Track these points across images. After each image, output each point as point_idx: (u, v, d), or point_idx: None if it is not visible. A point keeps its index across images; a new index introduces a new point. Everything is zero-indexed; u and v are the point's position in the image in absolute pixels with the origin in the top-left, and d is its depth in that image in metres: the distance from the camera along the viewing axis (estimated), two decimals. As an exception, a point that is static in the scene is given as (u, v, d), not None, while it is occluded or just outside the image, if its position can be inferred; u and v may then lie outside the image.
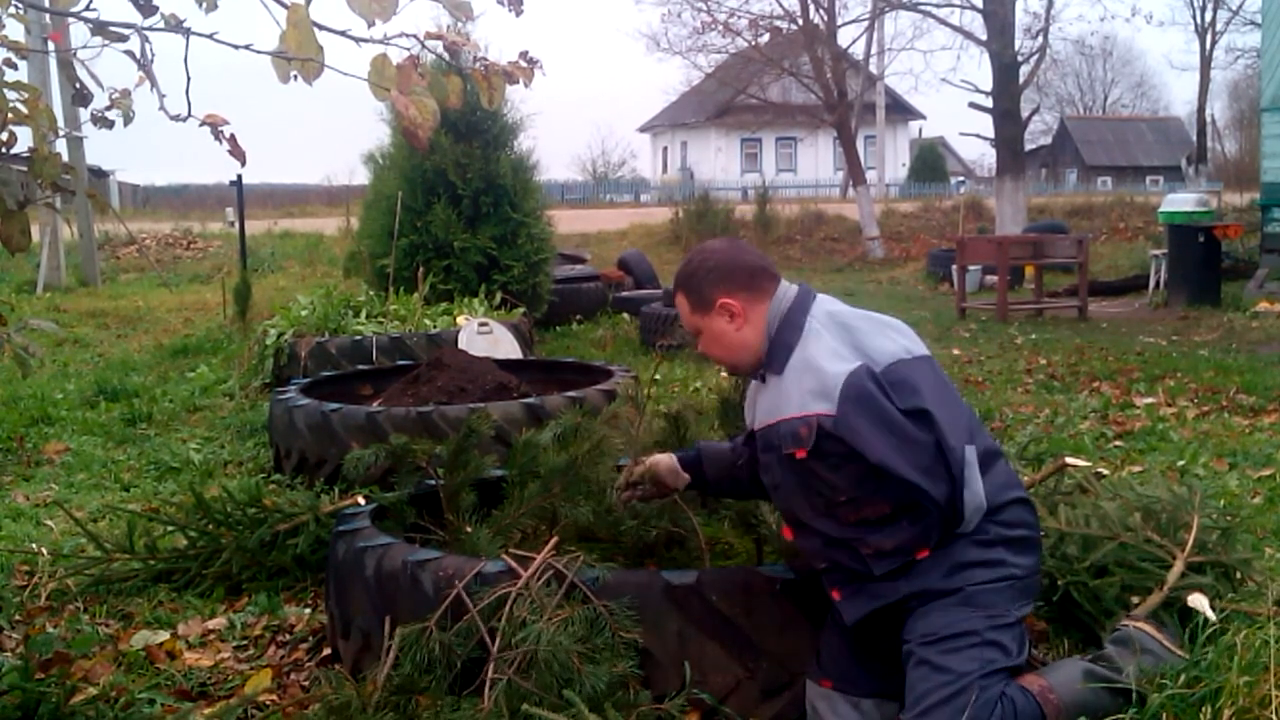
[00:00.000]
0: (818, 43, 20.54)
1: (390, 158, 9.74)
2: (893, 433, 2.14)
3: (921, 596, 2.21)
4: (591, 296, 11.15)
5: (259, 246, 17.55)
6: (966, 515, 2.18)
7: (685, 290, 2.41)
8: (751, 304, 2.35)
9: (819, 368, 2.20)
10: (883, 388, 2.16)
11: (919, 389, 2.19)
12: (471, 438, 3.28)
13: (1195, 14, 37.39)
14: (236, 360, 7.86)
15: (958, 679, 2.11)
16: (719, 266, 2.37)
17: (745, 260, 2.39)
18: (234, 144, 2.16)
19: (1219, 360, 7.68)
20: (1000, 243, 11.51)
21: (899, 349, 2.26)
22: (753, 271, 2.37)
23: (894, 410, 2.15)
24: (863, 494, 2.17)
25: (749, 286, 2.35)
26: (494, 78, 2.15)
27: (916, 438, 2.15)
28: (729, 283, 2.35)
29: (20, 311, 10.43)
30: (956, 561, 2.20)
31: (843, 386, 2.15)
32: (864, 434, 2.13)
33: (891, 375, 2.19)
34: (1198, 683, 2.15)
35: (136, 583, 3.58)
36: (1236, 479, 4.59)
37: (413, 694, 2.41)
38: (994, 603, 2.19)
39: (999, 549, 2.22)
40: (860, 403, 2.14)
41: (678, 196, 25.46)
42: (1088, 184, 41.70)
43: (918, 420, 2.16)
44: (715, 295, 2.35)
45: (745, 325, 2.35)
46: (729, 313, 2.35)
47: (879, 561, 2.19)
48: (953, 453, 2.16)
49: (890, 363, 2.21)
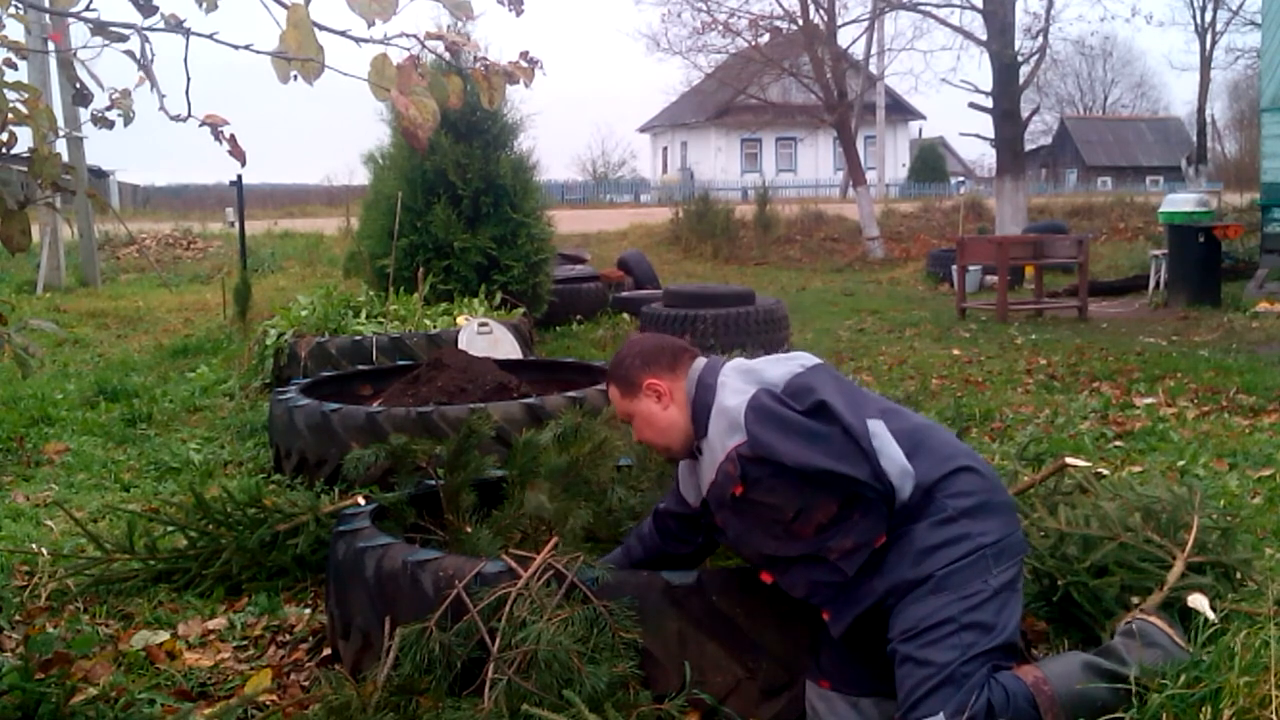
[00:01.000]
0: (818, 43, 20.54)
1: (390, 158, 9.73)
2: (799, 434, 2.26)
3: (896, 592, 2.24)
4: (591, 296, 11.14)
5: (259, 247, 17.54)
6: (895, 482, 2.24)
7: (614, 379, 2.55)
8: (675, 383, 2.49)
9: (726, 408, 2.35)
10: (781, 400, 2.31)
11: (814, 387, 2.32)
12: (472, 438, 3.28)
13: (1195, 14, 37.41)
14: (236, 360, 7.86)
15: (939, 670, 2.13)
16: (642, 352, 2.53)
17: (666, 344, 2.56)
18: (234, 144, 2.16)
19: (1219, 360, 7.68)
20: (1000, 243, 11.50)
21: (794, 368, 2.40)
22: (674, 352, 2.52)
23: (794, 414, 2.28)
24: (806, 503, 2.25)
25: (671, 367, 2.50)
26: (494, 78, 2.15)
27: (821, 430, 2.26)
28: (653, 365, 2.50)
29: (20, 311, 10.43)
30: (921, 547, 2.24)
31: (745, 411, 2.30)
32: (773, 444, 2.25)
33: (789, 388, 2.34)
34: (1198, 683, 2.15)
35: (136, 583, 3.58)
36: (1236, 479, 4.59)
37: (413, 694, 2.41)
38: (967, 581, 2.21)
39: (961, 522, 2.25)
40: (761, 418, 2.28)
41: (678, 196, 25.46)
42: (1088, 184, 41.69)
43: (819, 415, 2.28)
44: (641, 378, 2.50)
45: (671, 404, 2.48)
46: (655, 393, 2.49)
47: (848, 561, 2.25)
48: (854, 428, 2.26)
49: (787, 380, 2.36)
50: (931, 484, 2.28)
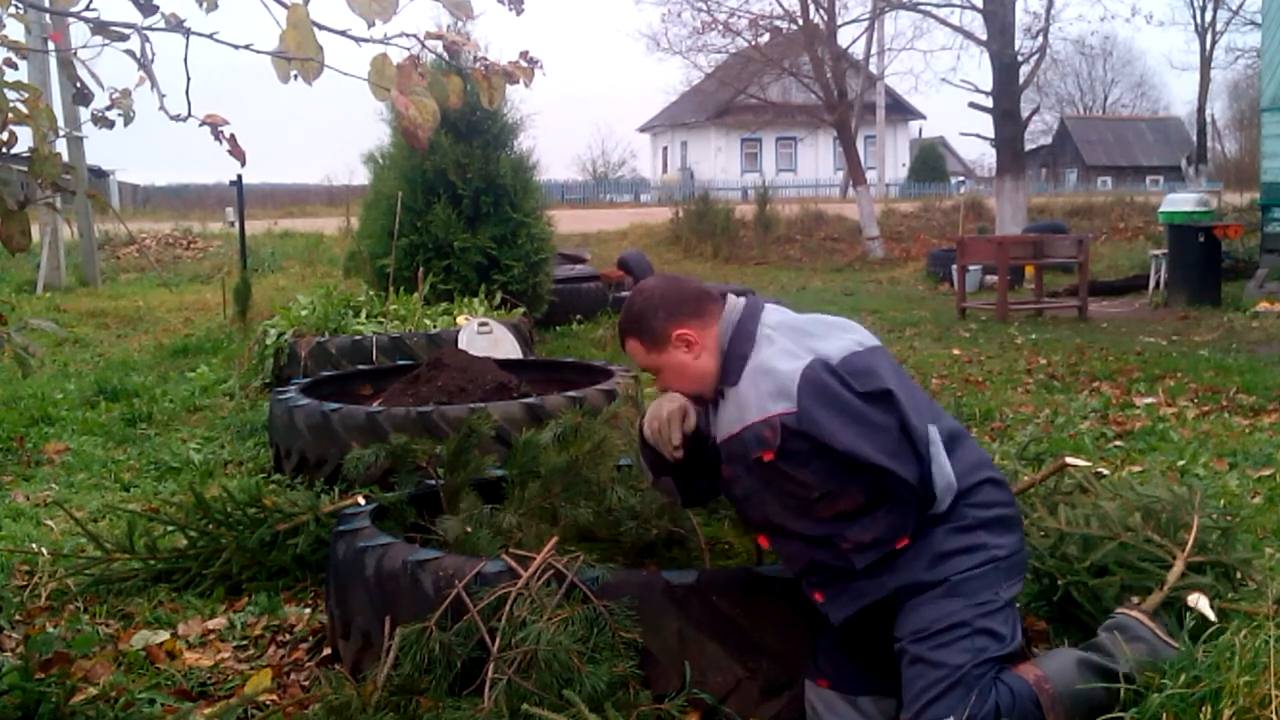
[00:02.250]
0: (818, 43, 20.54)
1: (390, 158, 9.73)
2: (855, 420, 2.14)
3: (907, 590, 2.21)
4: (591, 296, 11.14)
5: (259, 246, 17.54)
6: (938, 494, 2.19)
7: (636, 333, 2.36)
8: (703, 330, 2.33)
9: (773, 369, 2.19)
10: (840, 377, 2.17)
11: (877, 371, 2.20)
12: (472, 438, 3.28)
13: (1195, 14, 37.43)
14: (236, 360, 7.86)
15: (952, 672, 2.12)
16: (664, 301, 2.34)
17: (688, 288, 2.38)
18: (234, 144, 2.16)
19: (1219, 360, 7.68)
20: (1000, 243, 11.50)
21: (850, 343, 2.26)
22: (697, 298, 2.36)
23: (853, 397, 2.15)
24: (835, 487, 2.16)
25: (698, 313, 2.34)
26: (494, 77, 2.15)
27: (879, 421, 2.15)
28: (679, 313, 2.33)
29: (20, 311, 10.44)
30: (938, 551, 2.21)
31: (799, 382, 2.15)
32: (827, 424, 2.13)
33: (848, 365, 2.19)
34: (1197, 682, 2.15)
35: (136, 583, 3.58)
36: (1236, 479, 4.59)
37: (413, 694, 2.41)
38: (980, 589, 2.19)
39: (978, 533, 2.23)
40: (819, 395, 2.14)
41: (678, 196, 25.46)
42: (1088, 184, 41.68)
43: (878, 403, 2.17)
44: (669, 329, 2.32)
45: (703, 351, 2.32)
46: (685, 343, 2.32)
47: (860, 555, 2.19)
48: (916, 431, 2.18)
49: (844, 355, 2.21)
50: (960, 491, 2.24)
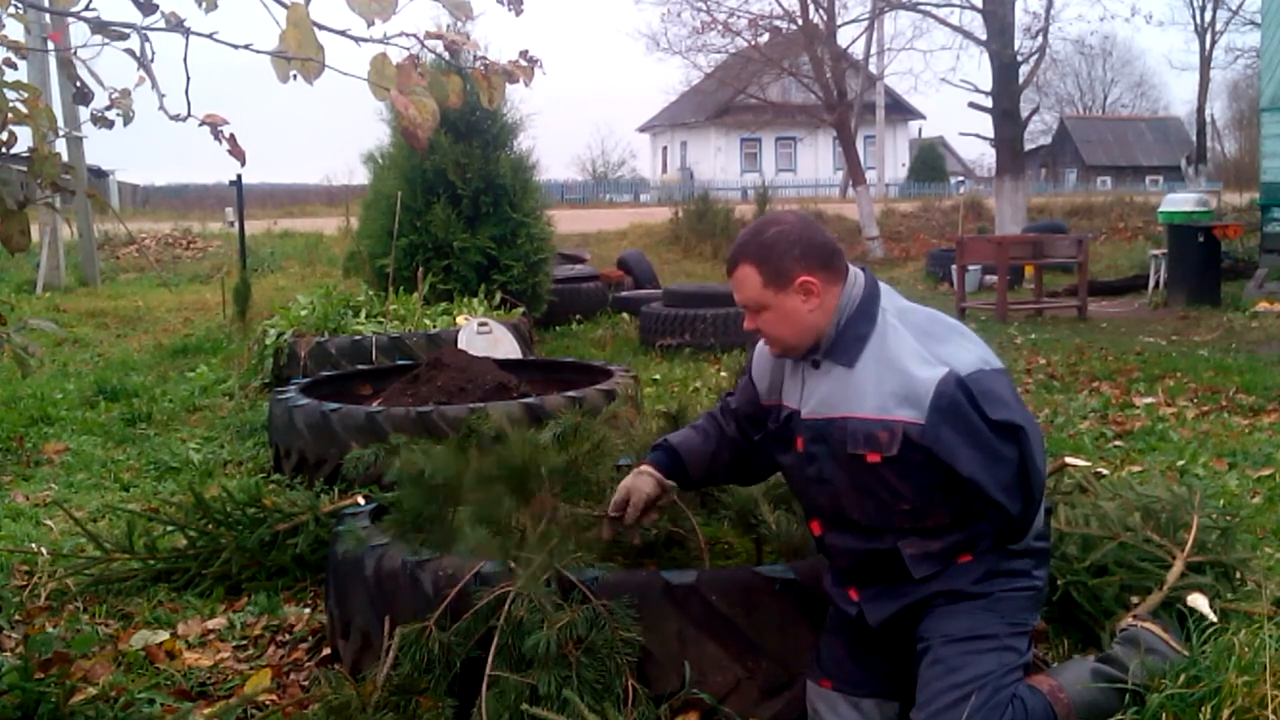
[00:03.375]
0: (817, 42, 20.53)
1: (390, 157, 9.73)
2: (981, 448, 2.06)
3: (948, 596, 2.19)
4: (591, 296, 11.15)
5: (259, 246, 17.53)
6: (1027, 537, 2.17)
7: (760, 262, 2.20)
8: (828, 285, 2.20)
9: (904, 370, 2.09)
10: (971, 398, 2.07)
11: (1007, 401, 2.10)
12: (471, 438, 3.28)
13: (1195, 14, 37.50)
14: (236, 360, 7.87)
15: (973, 680, 2.10)
16: (801, 241, 2.20)
17: (824, 238, 2.25)
18: (233, 143, 2.16)
19: (1219, 360, 7.68)
20: (1000, 242, 11.51)
21: (978, 358, 2.15)
22: (833, 250, 2.23)
23: (982, 423, 2.06)
24: (927, 505, 2.12)
25: (829, 266, 2.21)
26: (494, 77, 2.15)
27: (1003, 454, 2.08)
28: (810, 260, 2.19)
29: (20, 311, 10.43)
30: (990, 569, 2.19)
31: (934, 395, 2.05)
32: (953, 447, 2.05)
33: (977, 384, 2.08)
34: (1197, 682, 2.15)
35: (136, 583, 3.58)
36: (1236, 479, 4.59)
37: (413, 694, 2.41)
38: (1015, 611, 2.19)
39: (1026, 560, 2.23)
40: (951, 414, 2.05)
41: (677, 196, 25.44)
42: (1087, 184, 41.70)
43: (1004, 434, 2.08)
44: (796, 272, 2.18)
45: (818, 307, 2.19)
46: (806, 291, 2.19)
47: (920, 564, 2.16)
48: (1038, 474, 2.11)
49: (972, 371, 2.10)
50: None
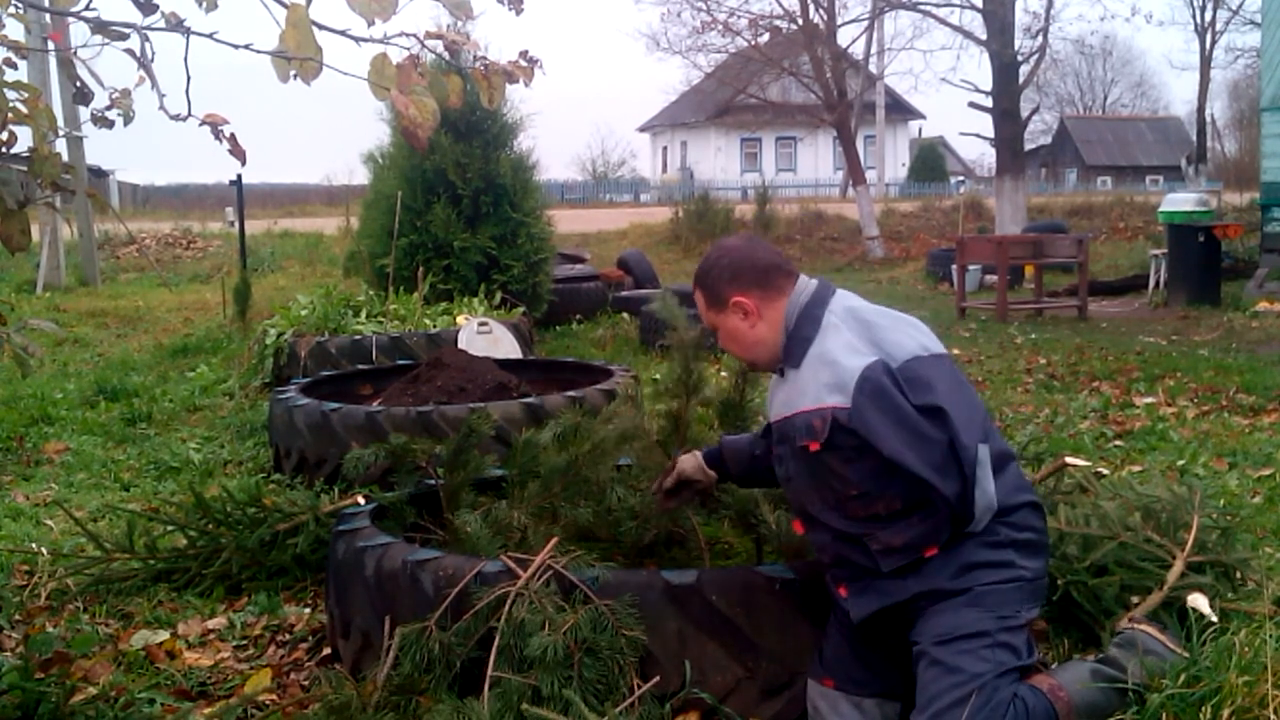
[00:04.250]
0: (817, 42, 20.53)
1: (390, 157, 9.73)
2: (906, 428, 2.14)
3: (930, 596, 2.20)
4: (591, 296, 11.15)
5: (259, 246, 17.54)
6: (977, 514, 2.18)
7: (701, 288, 2.43)
8: (765, 301, 2.35)
9: (835, 361, 2.21)
10: (898, 383, 2.17)
11: (934, 385, 2.19)
12: (471, 437, 3.28)
13: (1195, 14, 37.46)
14: (236, 360, 7.86)
15: (970, 680, 2.10)
16: (733, 264, 2.38)
17: (759, 258, 2.39)
18: (234, 143, 2.16)
19: (1219, 360, 7.68)
20: (1000, 242, 11.50)
21: (916, 346, 2.26)
22: (766, 269, 2.37)
23: (908, 406, 2.15)
24: (874, 489, 2.17)
25: (762, 284, 2.36)
26: (494, 77, 2.15)
27: (929, 434, 2.15)
28: (742, 280, 2.36)
29: (20, 311, 10.43)
30: (966, 562, 2.20)
31: (858, 380, 2.16)
32: (877, 428, 2.13)
33: (907, 371, 2.19)
34: (1197, 682, 2.15)
35: (136, 582, 3.58)
36: (1236, 478, 4.59)
37: (413, 694, 2.41)
38: (1003, 604, 2.19)
39: (1008, 550, 2.23)
40: (875, 396, 2.15)
41: (677, 196, 25.44)
42: (1087, 184, 41.69)
43: (931, 417, 2.16)
44: (729, 293, 2.37)
45: (760, 322, 2.36)
46: (742, 310, 2.36)
47: (887, 558, 2.19)
48: (965, 450, 2.16)
49: (907, 359, 2.21)
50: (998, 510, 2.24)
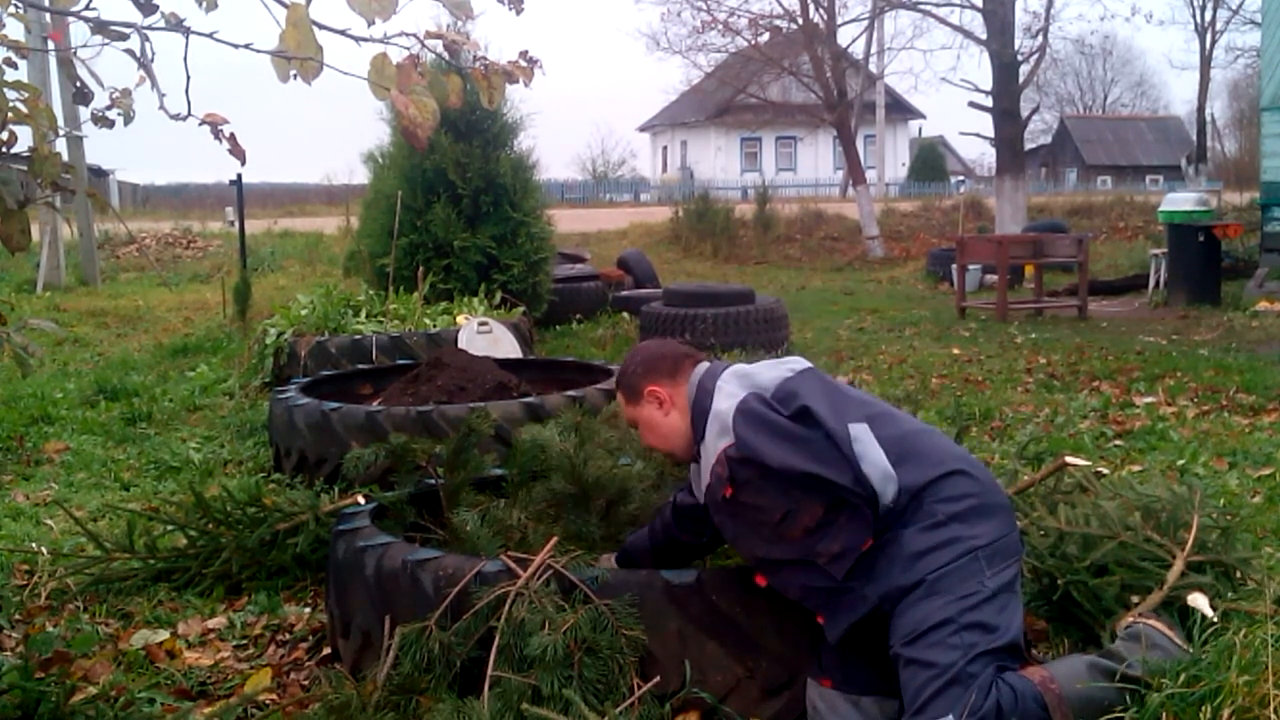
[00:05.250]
0: (817, 42, 20.54)
1: (390, 157, 9.73)
2: (784, 437, 2.30)
3: (890, 598, 2.24)
4: (591, 296, 11.15)
5: (259, 246, 17.55)
6: (878, 486, 2.27)
7: (620, 387, 2.65)
8: (675, 389, 2.55)
9: (718, 411, 2.39)
10: (770, 404, 2.35)
11: (798, 393, 2.36)
12: (472, 437, 3.28)
13: (1195, 13, 37.46)
14: (236, 359, 7.87)
15: (944, 670, 2.12)
16: (645, 359, 2.61)
17: (669, 351, 2.63)
18: (234, 143, 2.16)
19: (1219, 359, 7.68)
20: (1000, 242, 11.50)
21: (784, 372, 2.45)
22: (675, 359, 2.59)
23: (780, 418, 2.33)
24: (792, 505, 2.27)
25: (672, 373, 2.57)
26: (494, 77, 2.16)
27: (805, 435, 2.30)
28: (653, 372, 2.58)
29: (20, 311, 10.44)
30: (911, 552, 2.25)
31: (734, 415, 2.34)
32: (759, 446, 2.29)
33: (779, 393, 2.38)
34: (1197, 682, 2.15)
35: (136, 582, 3.58)
36: (1236, 478, 4.59)
37: (413, 694, 2.41)
38: (960, 582, 2.21)
39: (951, 526, 2.26)
40: (749, 421, 2.32)
41: (677, 196, 25.45)
42: (1087, 183, 41.68)
43: (803, 420, 2.32)
44: (642, 385, 2.58)
45: (673, 409, 2.55)
46: (656, 400, 2.57)
47: (836, 564, 2.25)
48: (835, 433, 2.29)
49: (777, 384, 2.40)
50: (920, 488, 2.28)
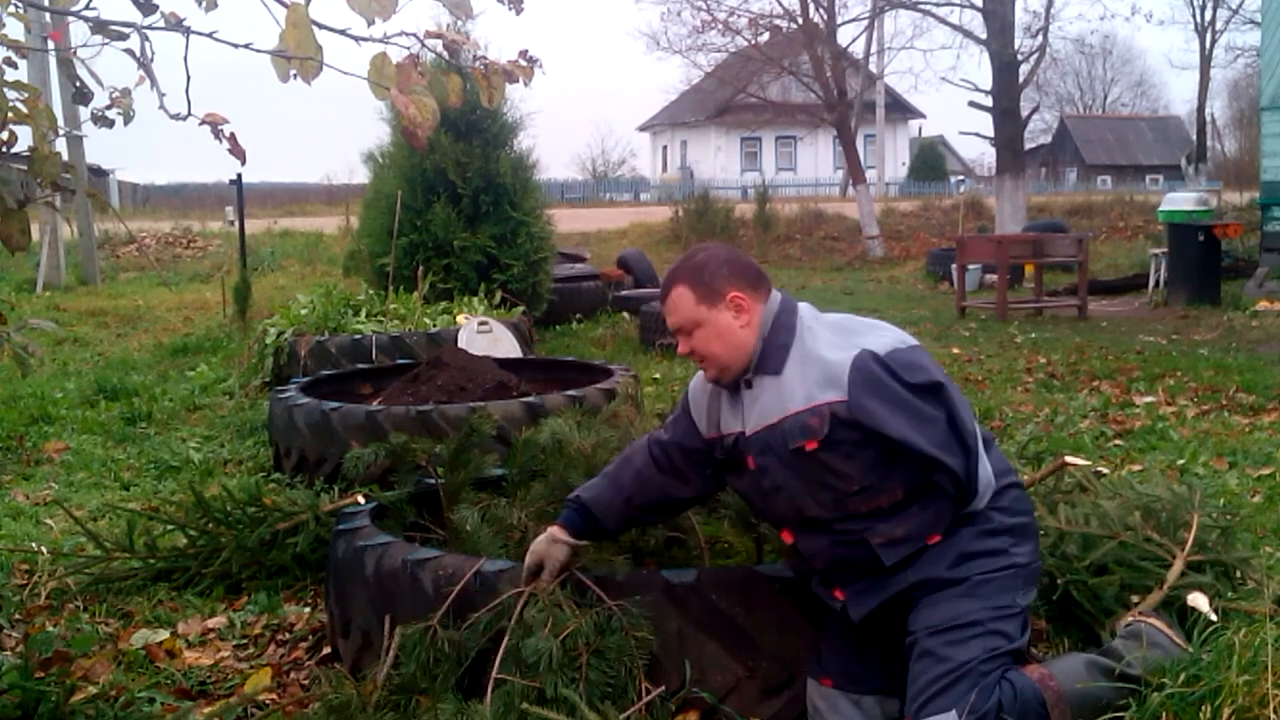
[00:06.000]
0: (817, 41, 20.53)
1: (390, 156, 9.73)
2: (907, 410, 2.14)
3: (927, 586, 2.21)
4: (591, 295, 11.15)
5: (259, 245, 17.54)
6: (980, 490, 2.20)
7: (692, 282, 2.32)
8: (755, 303, 2.32)
9: (821, 358, 2.20)
10: (888, 368, 2.16)
11: (925, 365, 2.20)
12: (473, 437, 3.28)
13: (1195, 13, 37.43)
14: (236, 359, 7.87)
15: (958, 666, 2.11)
16: (730, 261, 2.34)
17: (750, 261, 2.40)
18: (234, 143, 2.16)
19: (1219, 359, 7.68)
20: (1000, 241, 11.50)
21: (894, 339, 2.26)
22: (758, 272, 2.37)
23: (902, 389, 2.15)
24: (876, 481, 2.17)
25: (755, 285, 2.33)
26: (494, 76, 2.16)
27: (929, 414, 2.16)
28: (740, 278, 2.32)
29: (20, 310, 10.45)
30: (962, 551, 2.21)
31: (850, 371, 2.15)
32: (879, 413, 2.13)
33: (895, 358, 2.19)
34: (1197, 681, 2.15)
35: (136, 581, 3.58)
36: (1236, 478, 4.59)
37: (413, 694, 2.41)
38: (998, 593, 2.20)
39: (1003, 538, 2.24)
40: (870, 384, 2.14)
41: (677, 195, 25.45)
42: (1087, 183, 41.68)
43: (928, 395, 2.17)
44: (727, 288, 2.30)
45: (749, 324, 2.30)
46: (737, 306, 2.30)
47: (890, 550, 2.19)
48: (965, 425, 2.17)
49: (890, 349, 2.21)
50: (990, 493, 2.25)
